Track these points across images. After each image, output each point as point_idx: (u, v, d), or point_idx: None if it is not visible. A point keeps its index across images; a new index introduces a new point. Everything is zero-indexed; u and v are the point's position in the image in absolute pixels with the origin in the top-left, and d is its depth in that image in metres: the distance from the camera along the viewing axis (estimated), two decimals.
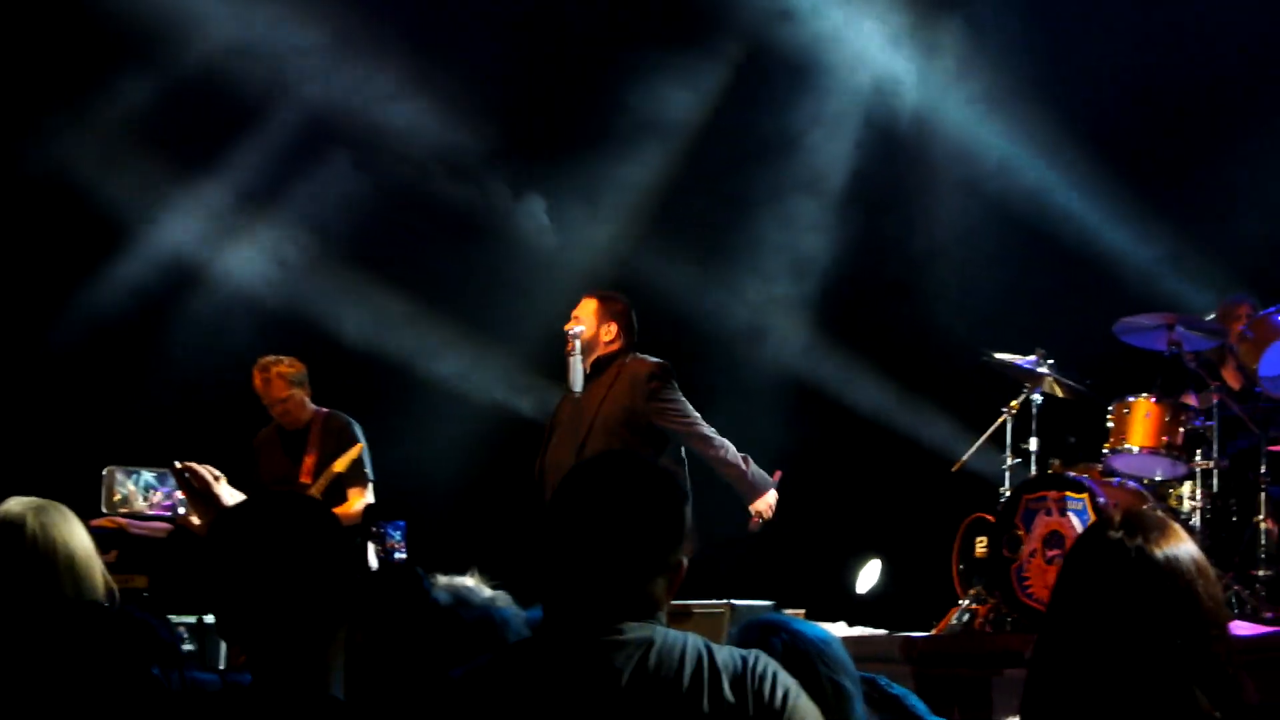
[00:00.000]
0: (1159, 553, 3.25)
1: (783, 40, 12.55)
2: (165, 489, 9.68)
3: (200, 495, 4.00)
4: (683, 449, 9.13)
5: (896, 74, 12.56)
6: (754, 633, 3.85)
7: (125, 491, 9.58)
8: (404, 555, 3.53)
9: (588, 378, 9.08)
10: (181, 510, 9.49)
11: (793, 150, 12.80)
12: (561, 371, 9.18)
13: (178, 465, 4.00)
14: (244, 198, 12.51)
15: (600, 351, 9.16)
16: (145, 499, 9.66)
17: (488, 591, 4.02)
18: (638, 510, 3.41)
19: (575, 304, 9.23)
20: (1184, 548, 3.30)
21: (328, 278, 12.50)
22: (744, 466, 9.09)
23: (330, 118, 12.46)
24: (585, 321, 9.13)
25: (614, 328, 9.17)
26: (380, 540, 3.50)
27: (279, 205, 12.54)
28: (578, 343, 9.05)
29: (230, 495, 4.03)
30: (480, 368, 12.74)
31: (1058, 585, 3.35)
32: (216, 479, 4.02)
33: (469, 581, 4.00)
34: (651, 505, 3.43)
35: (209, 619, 10.11)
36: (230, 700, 3.29)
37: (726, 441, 9.09)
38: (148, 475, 9.67)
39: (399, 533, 3.52)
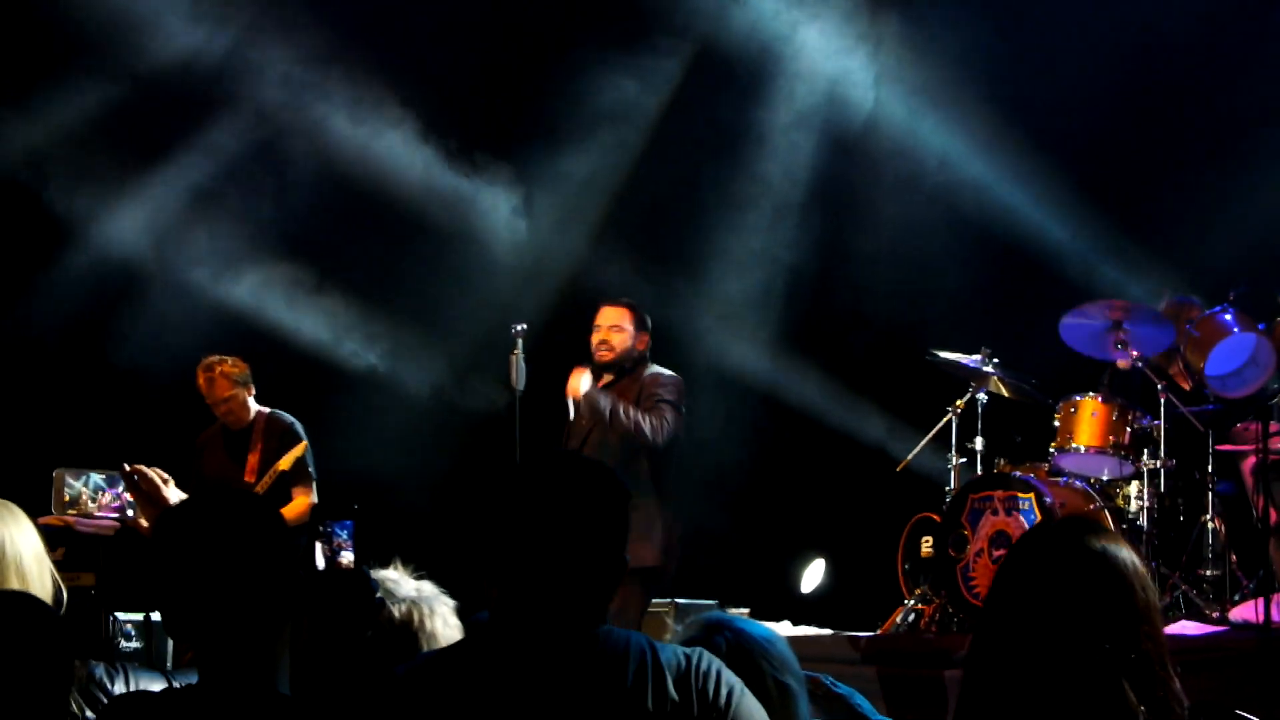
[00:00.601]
0: (1097, 549, 3.22)
1: (732, 39, 12.52)
2: (114, 490, 9.62)
3: (148, 497, 3.95)
4: (668, 456, 9.17)
5: (841, 70, 12.52)
6: (698, 631, 3.80)
7: (74, 493, 9.52)
8: (351, 554, 3.47)
9: (609, 384, 9.10)
10: (130, 512, 9.44)
11: (741, 148, 12.76)
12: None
13: (126, 468, 3.93)
14: (190, 196, 12.39)
15: (630, 359, 9.21)
16: (94, 500, 9.60)
17: (412, 583, 3.99)
18: (578, 510, 3.41)
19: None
20: (1123, 549, 3.29)
21: (274, 275, 12.40)
22: (627, 411, 9.01)
23: (278, 113, 12.36)
24: (625, 330, 9.20)
25: (646, 336, 9.31)
26: (327, 540, 3.44)
27: (225, 203, 12.43)
28: (613, 353, 9.18)
29: (178, 497, 3.96)
30: (423, 363, 12.66)
31: (995, 582, 3.34)
32: (165, 481, 3.96)
33: (393, 574, 3.97)
34: (592, 505, 3.42)
35: (156, 616, 10.05)
36: (175, 699, 3.23)
37: (651, 431, 9.02)
38: (97, 477, 9.62)
39: (345, 532, 3.46)
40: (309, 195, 12.43)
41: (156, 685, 4.12)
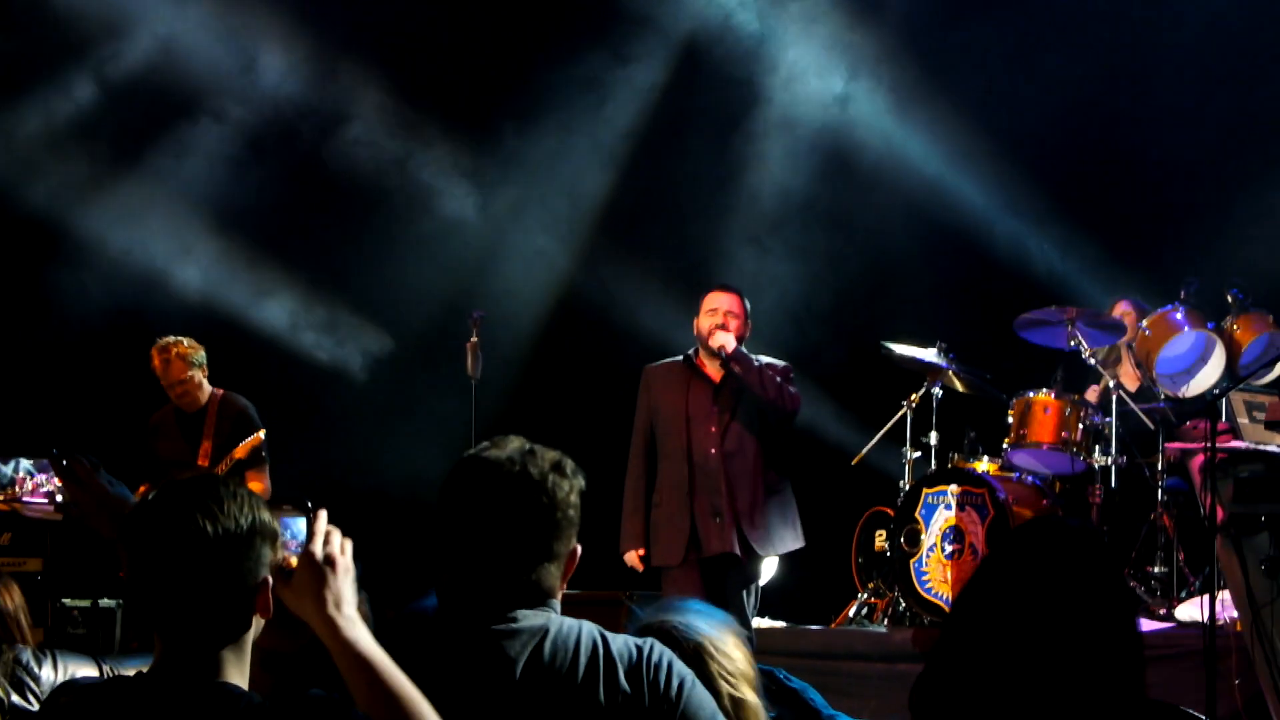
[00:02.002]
0: (1076, 551, 3.23)
1: (697, 34, 12.57)
2: (43, 476, 9.59)
3: (78, 483, 3.90)
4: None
5: (805, 67, 12.57)
6: (653, 621, 3.82)
7: (4, 479, 9.48)
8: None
9: (722, 381, 8.98)
10: (60, 498, 9.39)
11: (701, 139, 12.80)
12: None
13: (55, 452, 3.90)
14: (133, 176, 12.33)
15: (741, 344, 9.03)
16: (25, 486, 9.57)
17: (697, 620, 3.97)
18: (523, 499, 3.39)
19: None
20: (1101, 556, 3.27)
21: (224, 258, 12.36)
22: (771, 376, 8.92)
23: (217, 92, 12.32)
24: (739, 316, 8.99)
25: (750, 325, 9.10)
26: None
27: (165, 182, 12.37)
28: (729, 341, 8.90)
29: (109, 483, 3.93)
30: (378, 349, 12.65)
31: (974, 577, 3.33)
32: (96, 467, 3.92)
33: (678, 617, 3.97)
34: (537, 494, 3.40)
35: (104, 602, 10.03)
36: (119, 687, 3.22)
37: (789, 399, 8.95)
38: (26, 463, 9.58)
39: (292, 527, 3.41)
40: (261, 176, 12.40)
41: (86, 670, 4.10)
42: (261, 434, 9.90)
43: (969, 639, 3.21)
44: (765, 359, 9.00)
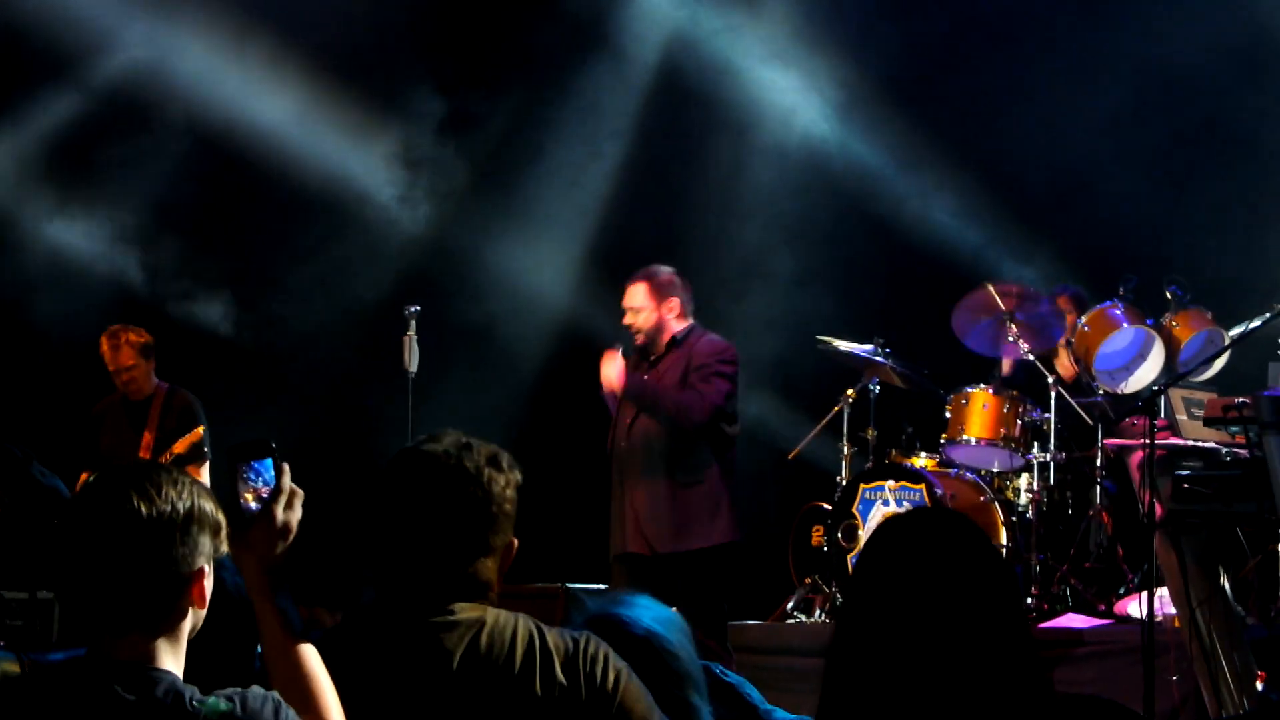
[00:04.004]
0: (955, 538, 3.16)
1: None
2: None
3: (9, 474, 3.83)
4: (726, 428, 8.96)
5: (710, 46, 12.54)
6: (594, 613, 3.78)
7: None
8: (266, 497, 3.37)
9: (657, 359, 8.88)
10: None
11: (630, 128, 12.74)
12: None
13: None
14: (68, 167, 12.20)
15: (671, 330, 8.89)
16: None
17: None
18: (459, 492, 3.40)
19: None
20: (980, 543, 3.20)
21: (161, 248, 12.25)
22: (665, 393, 8.71)
23: (159, 87, 12.20)
24: (643, 308, 8.86)
25: (674, 302, 8.89)
26: (246, 482, 3.34)
27: (109, 175, 12.26)
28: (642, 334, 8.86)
29: (41, 475, 3.85)
30: (315, 343, 12.56)
31: (855, 571, 3.29)
32: (28, 459, 3.85)
33: None
34: (473, 487, 3.41)
35: (43, 594, 9.92)
36: (37, 680, 3.15)
37: (691, 411, 8.69)
38: None
39: (261, 476, 3.35)
40: (194, 167, 12.29)
41: (7, 665, 4.03)
42: (201, 430, 9.84)
43: (857, 634, 3.17)
44: (710, 340, 8.91)
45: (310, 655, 3.23)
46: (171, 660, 3.07)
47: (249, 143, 12.14)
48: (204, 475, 9.85)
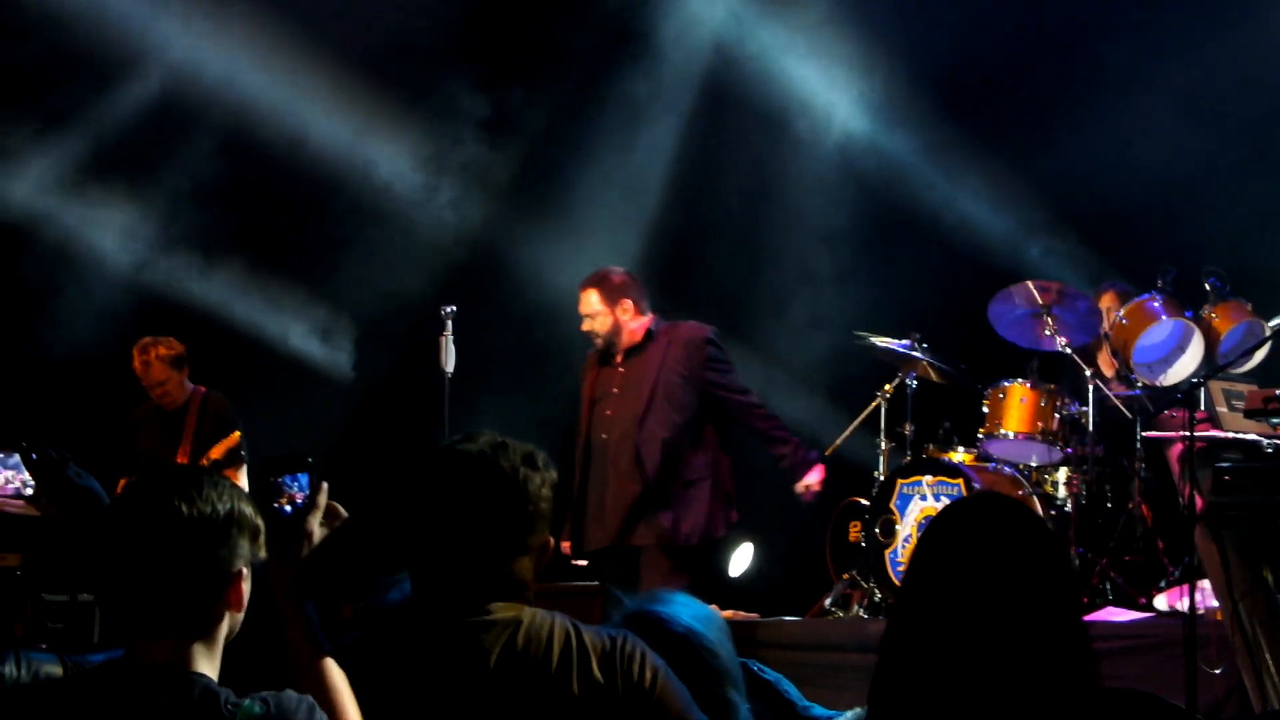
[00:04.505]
0: (1006, 529, 3.15)
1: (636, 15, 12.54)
2: (9, 470, 9.49)
3: (45, 476, 3.84)
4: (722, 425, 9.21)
5: (750, 46, 12.50)
6: (633, 611, 3.78)
7: None
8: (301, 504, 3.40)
9: (630, 352, 9.04)
10: (28, 492, 9.30)
11: (664, 124, 12.72)
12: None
13: (24, 445, 3.83)
14: (107, 169, 12.23)
15: (631, 330, 9.07)
16: None
17: None
18: (496, 492, 3.41)
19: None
20: (1040, 529, 3.19)
21: (195, 252, 12.28)
22: (793, 440, 9.16)
23: (198, 89, 12.22)
24: (597, 313, 9.03)
25: (627, 303, 9.06)
26: (278, 494, 3.36)
27: (146, 177, 12.29)
28: (600, 339, 9.09)
29: (77, 476, 3.86)
30: (353, 344, 12.58)
31: (910, 564, 3.29)
32: (64, 461, 3.85)
33: None
34: (509, 487, 3.42)
35: (83, 597, 9.96)
36: (76, 682, 3.16)
37: (777, 415, 9.18)
38: None
39: (299, 482, 3.37)
40: (231, 168, 12.31)
41: (51, 667, 4.04)
42: (238, 434, 9.86)
43: (913, 628, 3.17)
44: (692, 332, 9.04)
45: (333, 666, 3.24)
46: (207, 664, 3.08)
47: (289, 144, 12.17)
48: (242, 479, 9.87)
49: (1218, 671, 7.40)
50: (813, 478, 9.27)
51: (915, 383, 10.40)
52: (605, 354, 9.13)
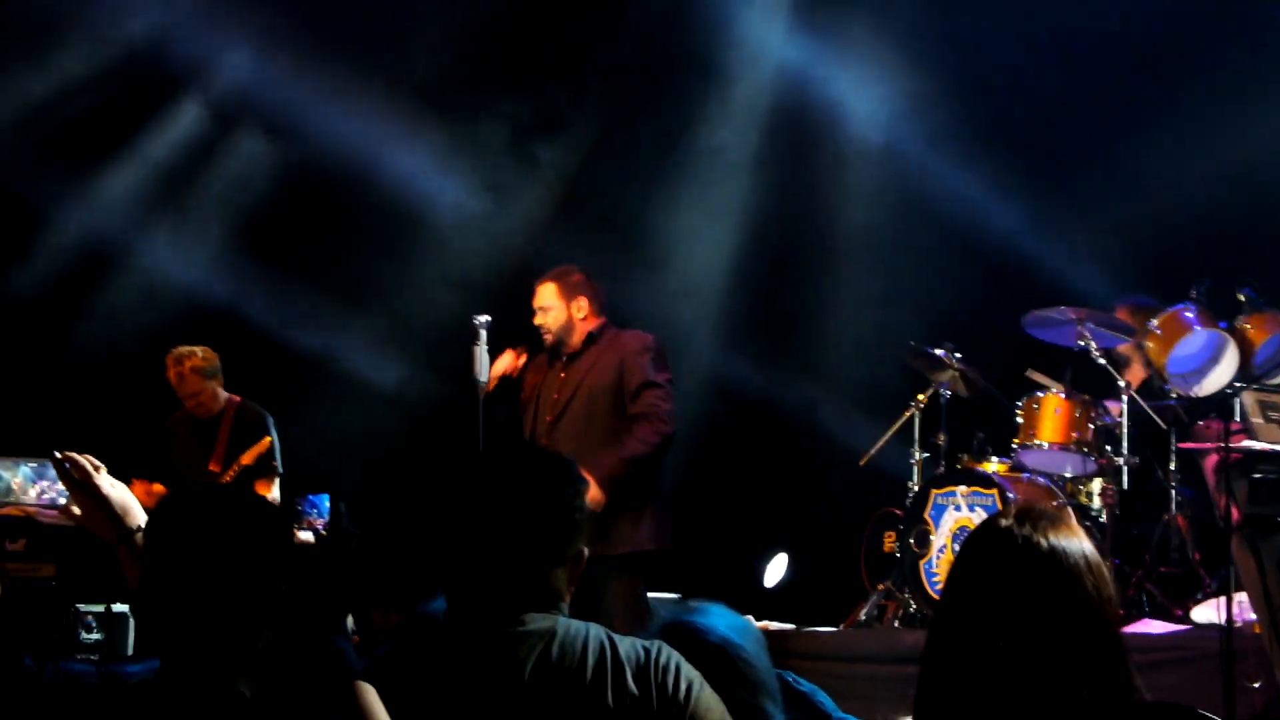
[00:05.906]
0: (1045, 543, 3.14)
1: (687, 35, 12.51)
2: (45, 480, 9.54)
3: (80, 486, 3.85)
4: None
5: (801, 65, 12.48)
6: (668, 622, 3.78)
7: (10, 483, 9.45)
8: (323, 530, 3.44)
9: (573, 355, 8.91)
10: (63, 501, 9.35)
11: (706, 137, 12.72)
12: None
13: (58, 455, 3.84)
14: (154, 181, 12.31)
15: (582, 330, 8.92)
16: (29, 490, 9.52)
17: None
18: (532, 501, 3.41)
19: (533, 292, 9.03)
20: (1075, 541, 3.19)
21: (236, 261, 12.34)
22: (620, 456, 8.58)
23: (242, 99, 12.30)
24: (551, 307, 8.92)
25: (583, 301, 8.93)
26: (299, 518, 3.40)
27: (190, 189, 12.37)
28: (551, 334, 8.91)
29: (110, 486, 3.87)
30: (387, 353, 12.60)
31: (949, 578, 3.28)
32: (96, 469, 3.86)
33: None
34: (545, 496, 3.42)
35: (117, 608, 10.00)
36: (112, 692, 3.17)
37: (653, 438, 8.64)
38: (26, 466, 9.54)
39: (317, 509, 3.41)
40: (277, 180, 12.37)
41: (86, 678, 4.05)
42: (269, 440, 9.88)
43: (953, 641, 3.16)
44: (633, 339, 8.88)
45: (370, 692, 3.25)
46: (245, 679, 3.08)
47: (332, 156, 12.23)
48: (274, 491, 9.89)
49: (1256, 685, 7.37)
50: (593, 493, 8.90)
51: (949, 392, 10.38)
52: (554, 352, 9.00)
